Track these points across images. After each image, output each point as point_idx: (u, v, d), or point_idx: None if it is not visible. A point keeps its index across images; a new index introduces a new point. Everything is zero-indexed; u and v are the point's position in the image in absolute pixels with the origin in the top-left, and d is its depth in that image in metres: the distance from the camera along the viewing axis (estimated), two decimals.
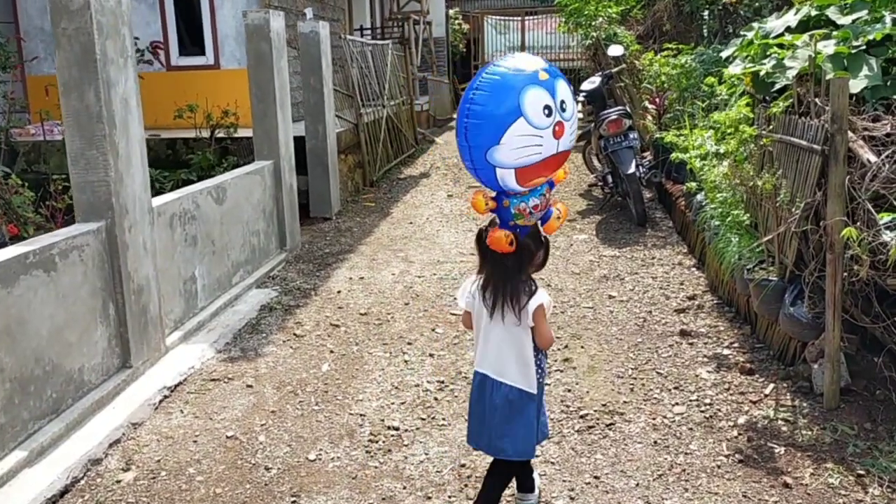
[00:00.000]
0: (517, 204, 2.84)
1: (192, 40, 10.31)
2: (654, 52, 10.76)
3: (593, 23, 12.99)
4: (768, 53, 4.54)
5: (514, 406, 2.82)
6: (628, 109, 8.01)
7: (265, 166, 6.68)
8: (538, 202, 2.87)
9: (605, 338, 4.86)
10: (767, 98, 4.60)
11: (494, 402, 2.81)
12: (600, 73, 8.63)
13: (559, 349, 4.70)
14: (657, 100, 8.94)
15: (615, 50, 8.64)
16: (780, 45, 4.55)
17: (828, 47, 4.09)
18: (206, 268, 5.44)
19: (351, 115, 10.06)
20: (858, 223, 3.54)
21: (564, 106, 2.75)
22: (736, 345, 4.62)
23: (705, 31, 9.84)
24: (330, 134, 8.58)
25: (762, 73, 4.46)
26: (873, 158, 3.41)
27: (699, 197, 6.09)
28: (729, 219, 4.97)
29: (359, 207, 9.17)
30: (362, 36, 14.92)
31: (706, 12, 9.29)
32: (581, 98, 8.28)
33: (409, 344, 4.91)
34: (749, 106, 4.17)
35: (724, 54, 5.21)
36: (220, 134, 8.24)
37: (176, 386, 4.41)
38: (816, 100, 3.83)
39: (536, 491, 3.17)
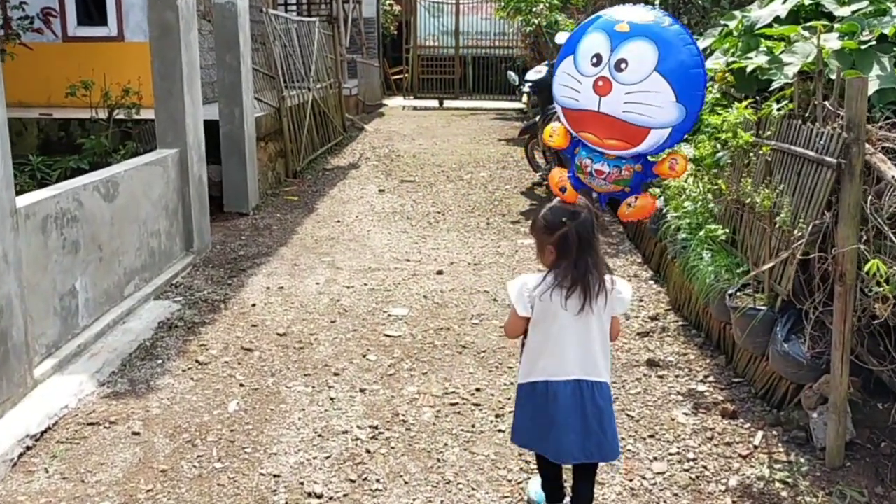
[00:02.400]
0: (583, 156, 2.83)
1: (93, 8, 9.16)
2: None
3: (534, 9, 12.38)
4: (756, 47, 3.96)
5: (609, 401, 2.67)
6: None
7: (168, 155, 5.76)
8: (606, 171, 2.81)
9: None
10: (756, 98, 4.02)
11: (598, 403, 2.59)
12: (547, 62, 7.98)
13: (512, 382, 4.04)
14: None
15: (563, 37, 8.01)
16: (768, 37, 3.97)
17: (830, 41, 3.53)
18: (90, 279, 4.53)
19: (273, 98, 9.14)
20: (874, 250, 2.98)
21: (622, 67, 2.60)
22: (711, 379, 4.05)
23: None
24: (248, 118, 7.68)
25: (750, 69, 3.87)
26: None
27: (658, 202, 5.52)
28: (701, 233, 4.39)
29: (280, 202, 8.29)
30: (286, 11, 13.90)
31: (657, 1, 8.79)
32: (527, 89, 7.63)
33: (336, 375, 4.15)
34: (752, 108, 3.56)
35: (700, 45, 4.63)
36: (120, 115, 7.23)
37: (43, 433, 3.54)
38: (826, 103, 3.25)
39: None
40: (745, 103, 3.48)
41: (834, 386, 3.15)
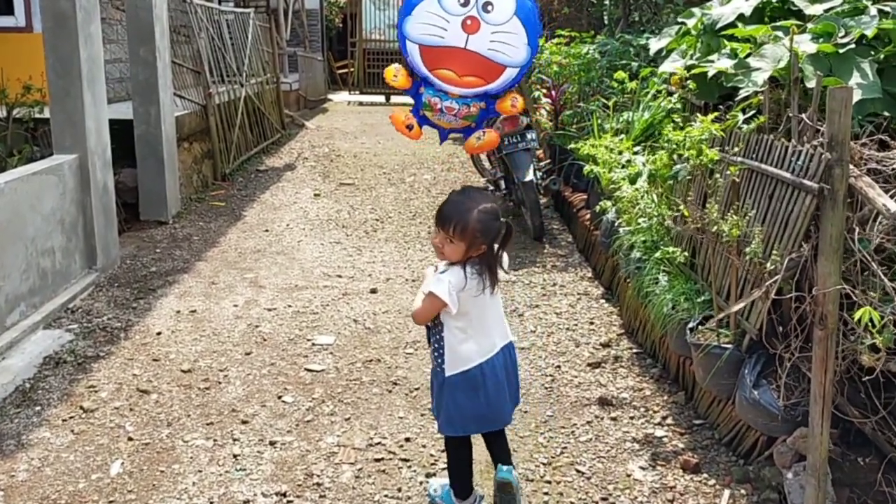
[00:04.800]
0: (430, 95, 2.95)
1: None
2: (544, 37, 9.79)
3: None
4: (718, 48, 3.52)
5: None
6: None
7: (65, 162, 5.10)
8: (456, 108, 2.97)
9: None
10: (718, 106, 3.58)
11: (513, 359, 2.81)
12: None
13: None
14: (553, 93, 7.93)
15: None
16: (731, 38, 3.53)
17: (803, 44, 3.09)
18: None
19: (198, 95, 8.47)
20: (859, 289, 2.56)
21: (489, 8, 2.78)
22: (670, 421, 3.61)
23: (605, 17, 8.91)
24: (166, 118, 7.01)
25: (711, 74, 3.42)
26: (892, 206, 2.41)
27: (610, 215, 5.08)
28: (657, 254, 3.95)
29: (204, 208, 7.64)
30: (220, 3, 13.15)
31: None
32: None
33: (244, 423, 3.59)
34: (718, 122, 3.10)
35: (653, 45, 4.20)
36: (18, 114, 6.50)
37: None
38: (803, 116, 2.81)
39: None
40: (710, 116, 3.03)
41: (813, 445, 2.72)
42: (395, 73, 3.03)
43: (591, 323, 4.78)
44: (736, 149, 3.11)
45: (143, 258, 6.00)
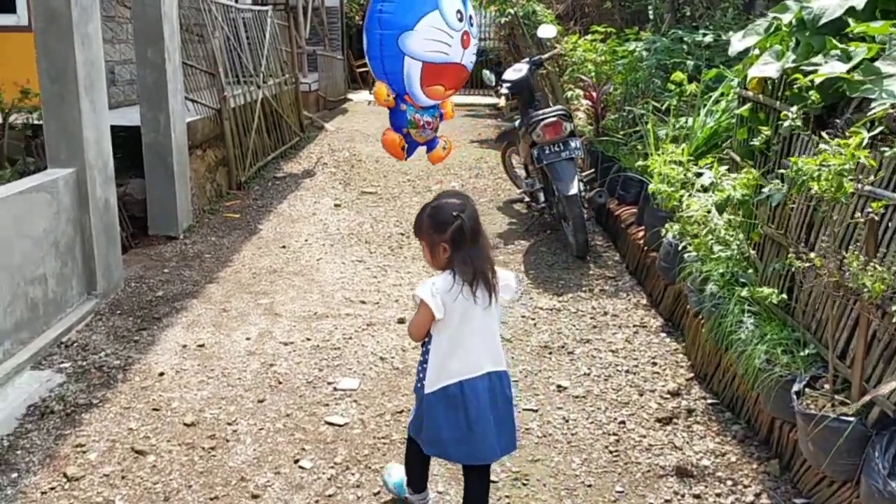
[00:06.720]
0: (414, 112, 3.05)
1: None
2: (577, 34, 9.17)
3: None
4: (822, 49, 2.89)
5: (511, 390, 2.68)
6: (568, 110, 6.30)
7: (59, 177, 4.56)
8: (432, 121, 3.12)
9: (565, 481, 3.13)
10: (824, 119, 2.95)
11: (506, 394, 2.62)
12: (528, 59, 6.88)
13: (505, 497, 2.95)
14: (594, 94, 7.30)
15: (547, 31, 6.89)
16: (843, 36, 2.90)
17: None
18: None
19: (212, 99, 7.92)
20: None
21: (471, 21, 2.97)
22: (765, 499, 2.99)
23: (651, 12, 8.25)
24: (176, 124, 6.46)
25: (820, 79, 2.79)
26: None
27: (670, 236, 4.47)
28: (743, 292, 3.33)
29: (218, 220, 7.09)
30: (237, 0, 12.63)
31: None
32: (504, 90, 6.53)
33: (255, 498, 3.02)
34: (867, 147, 2.46)
35: (735, 44, 3.58)
36: (18, 120, 5.99)
37: None
38: None
39: None
40: (854, 141, 2.38)
41: None
42: (388, 93, 3.00)
43: (654, 363, 4.17)
44: (870, 178, 2.47)
45: (150, 280, 5.46)
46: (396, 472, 3.00)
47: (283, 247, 6.29)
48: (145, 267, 5.74)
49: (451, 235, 2.49)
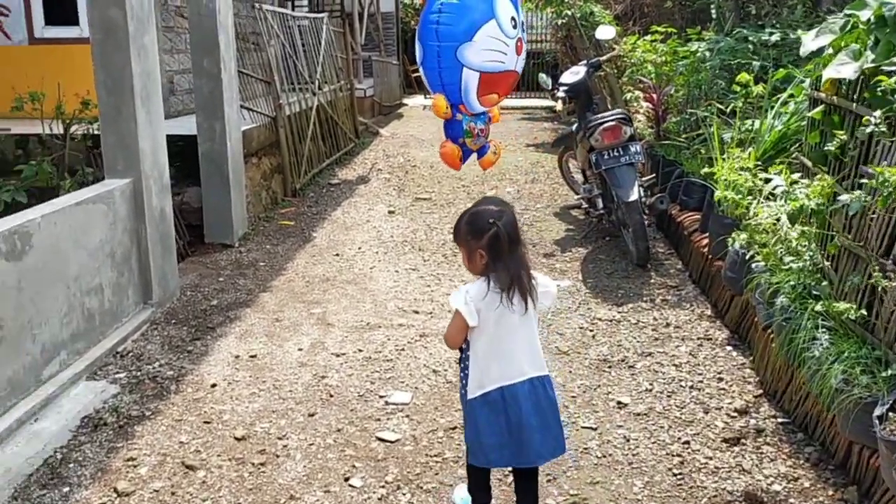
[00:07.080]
0: (469, 121, 3.10)
1: (63, 6, 8.07)
2: (636, 35, 8.93)
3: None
4: None
5: (555, 393, 2.66)
6: (628, 113, 6.09)
7: (115, 188, 4.60)
8: (484, 128, 3.19)
9: None
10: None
11: (549, 396, 2.61)
12: (585, 61, 6.70)
13: None
14: (654, 96, 7.08)
15: (605, 32, 6.70)
16: None
17: None
18: None
19: (268, 107, 7.96)
20: None
21: (523, 27, 2.98)
22: None
23: (713, 11, 7.97)
24: (231, 133, 6.50)
25: None
26: None
27: (737, 245, 4.24)
28: (818, 306, 3.12)
29: (272, 228, 7.11)
30: (293, 8, 12.75)
31: None
32: (561, 94, 6.37)
33: None
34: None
35: (808, 43, 3.35)
36: (79, 131, 6.10)
37: None
38: None
39: None
40: None
41: None
42: (447, 106, 3.03)
43: (720, 379, 3.96)
44: None
45: (205, 288, 5.48)
46: (461, 491, 2.99)
47: (337, 255, 6.26)
48: (201, 275, 5.77)
49: (487, 242, 2.49)
